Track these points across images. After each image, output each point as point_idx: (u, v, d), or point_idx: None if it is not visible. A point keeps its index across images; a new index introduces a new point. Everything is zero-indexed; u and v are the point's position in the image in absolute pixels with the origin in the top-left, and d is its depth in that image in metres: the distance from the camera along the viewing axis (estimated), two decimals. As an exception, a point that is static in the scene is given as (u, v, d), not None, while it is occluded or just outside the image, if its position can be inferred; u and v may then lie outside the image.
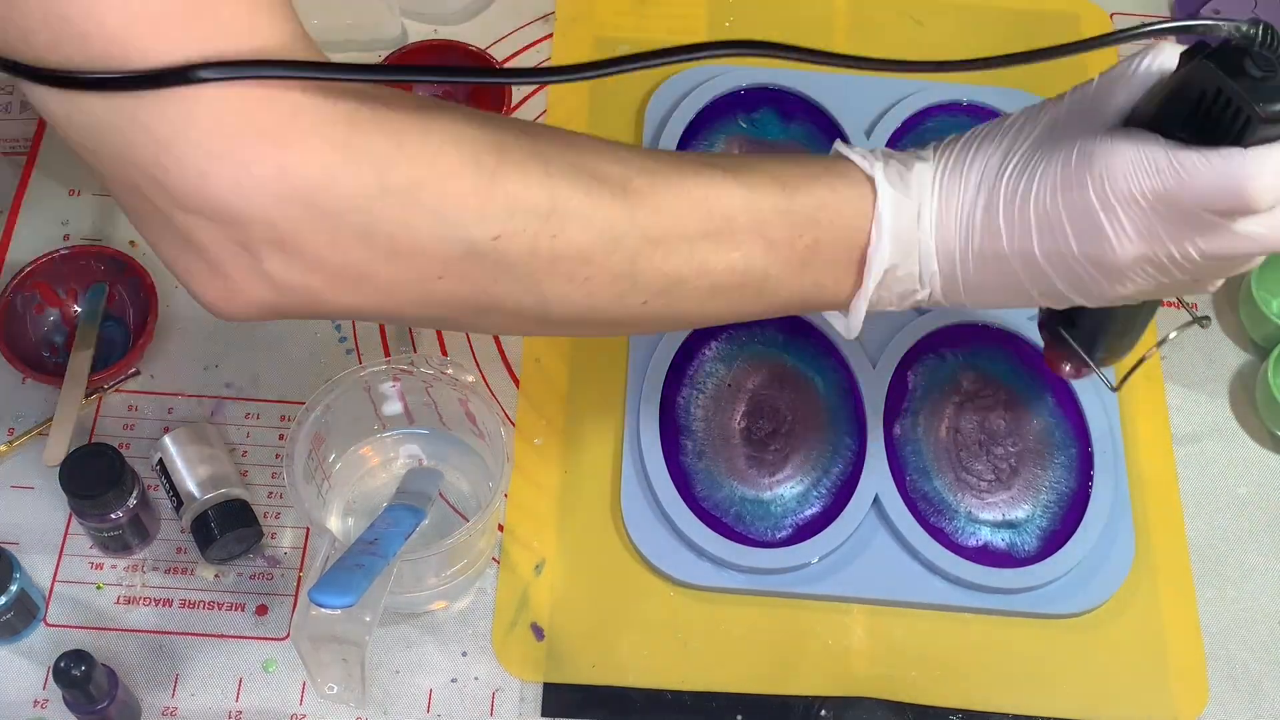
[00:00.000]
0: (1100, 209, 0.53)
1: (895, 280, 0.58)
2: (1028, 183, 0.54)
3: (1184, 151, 0.51)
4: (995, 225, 0.55)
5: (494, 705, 0.74)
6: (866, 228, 0.57)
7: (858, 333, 0.60)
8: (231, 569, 0.77)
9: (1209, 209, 0.51)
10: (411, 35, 0.96)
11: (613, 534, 0.79)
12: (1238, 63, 0.50)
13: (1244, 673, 0.77)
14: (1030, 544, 0.78)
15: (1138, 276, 0.54)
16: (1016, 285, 0.57)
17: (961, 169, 0.57)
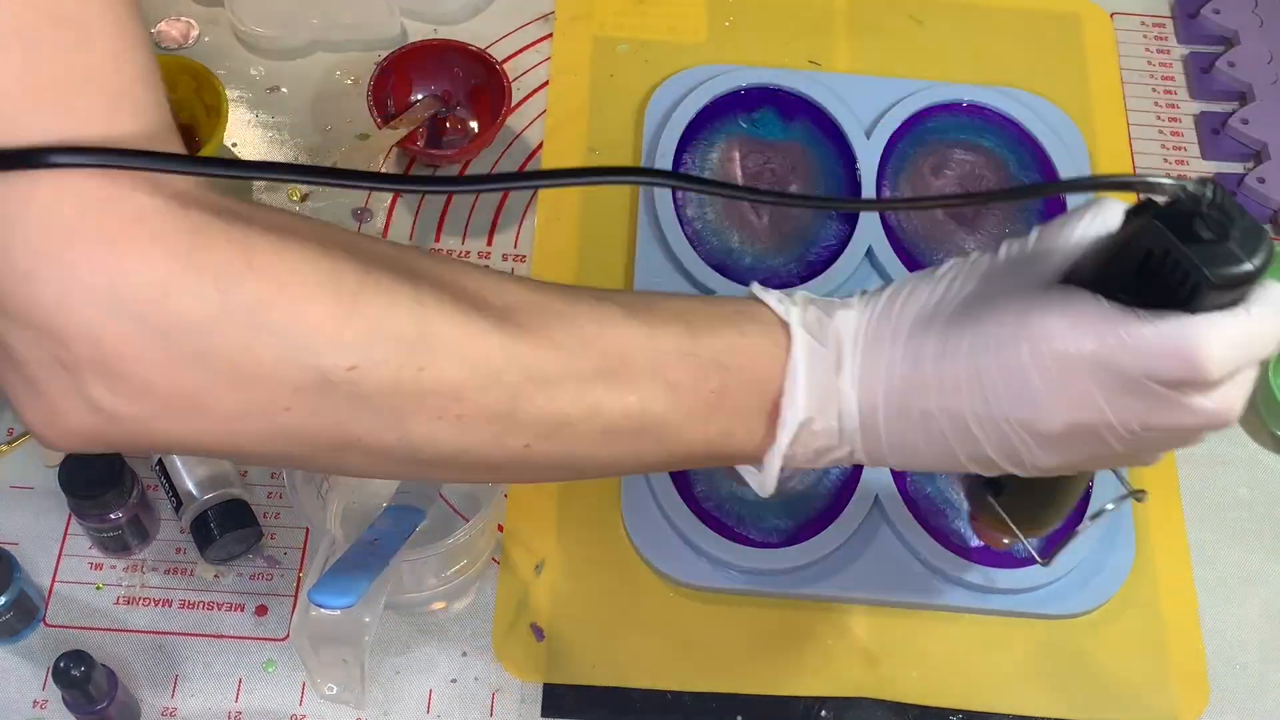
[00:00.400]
0: (1034, 370, 0.48)
1: (811, 435, 0.53)
2: (958, 338, 0.50)
3: (1127, 314, 0.47)
4: (923, 381, 0.51)
5: (494, 705, 0.74)
6: (779, 377, 0.52)
7: (772, 490, 0.55)
8: (231, 569, 0.77)
9: (1154, 378, 0.47)
10: (411, 35, 0.96)
11: (613, 534, 0.79)
12: (1187, 224, 0.46)
13: (1244, 673, 0.77)
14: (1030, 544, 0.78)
15: (1072, 445, 0.50)
16: (944, 447, 0.52)
17: (889, 319, 0.52)
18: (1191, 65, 0.97)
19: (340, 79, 0.94)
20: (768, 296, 0.54)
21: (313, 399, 0.46)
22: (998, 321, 0.49)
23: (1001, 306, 0.50)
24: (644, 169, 0.47)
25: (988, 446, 0.51)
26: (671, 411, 0.52)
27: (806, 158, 0.91)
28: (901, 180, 0.90)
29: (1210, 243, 0.46)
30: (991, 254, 0.52)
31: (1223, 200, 0.46)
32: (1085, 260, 0.50)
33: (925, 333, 0.51)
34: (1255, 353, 0.48)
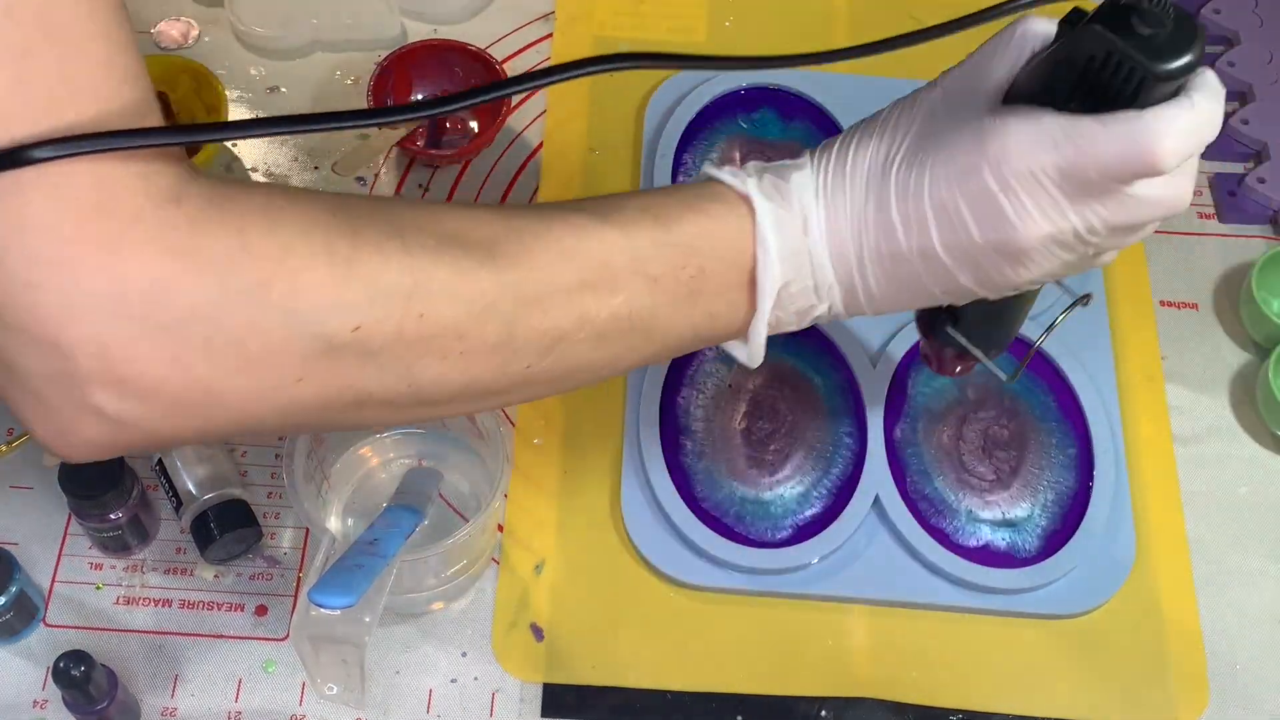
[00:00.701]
0: (1000, 191, 0.50)
1: (790, 297, 0.55)
2: (919, 174, 0.52)
3: (1081, 120, 0.49)
4: (889, 223, 0.53)
5: (494, 705, 0.74)
6: (750, 248, 0.54)
7: (760, 359, 0.57)
8: (231, 569, 0.77)
9: (1113, 177, 0.49)
10: (411, 35, 0.96)
11: (613, 534, 0.78)
12: (1124, 22, 0.48)
13: (1244, 673, 0.76)
14: (1031, 544, 0.78)
15: (1042, 258, 0.52)
16: (918, 285, 0.54)
17: (844, 170, 0.54)
18: (1191, 65, 0.97)
19: (340, 79, 0.94)
20: (722, 174, 0.56)
21: (323, 365, 0.47)
22: (954, 151, 0.51)
23: (955, 136, 0.51)
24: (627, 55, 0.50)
25: (961, 275, 0.53)
26: (657, 304, 0.54)
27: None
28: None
29: (1149, 37, 0.48)
30: (929, 87, 0.54)
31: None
32: (1027, 77, 0.51)
33: (884, 176, 0.53)
34: (1202, 138, 0.50)
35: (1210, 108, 0.49)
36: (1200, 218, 0.92)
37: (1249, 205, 0.91)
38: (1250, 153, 0.93)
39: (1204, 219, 0.92)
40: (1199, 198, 0.92)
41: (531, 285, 0.51)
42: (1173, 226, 0.91)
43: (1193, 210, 0.92)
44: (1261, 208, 0.91)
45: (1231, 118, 0.93)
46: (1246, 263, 0.89)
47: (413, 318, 0.48)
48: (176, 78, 0.89)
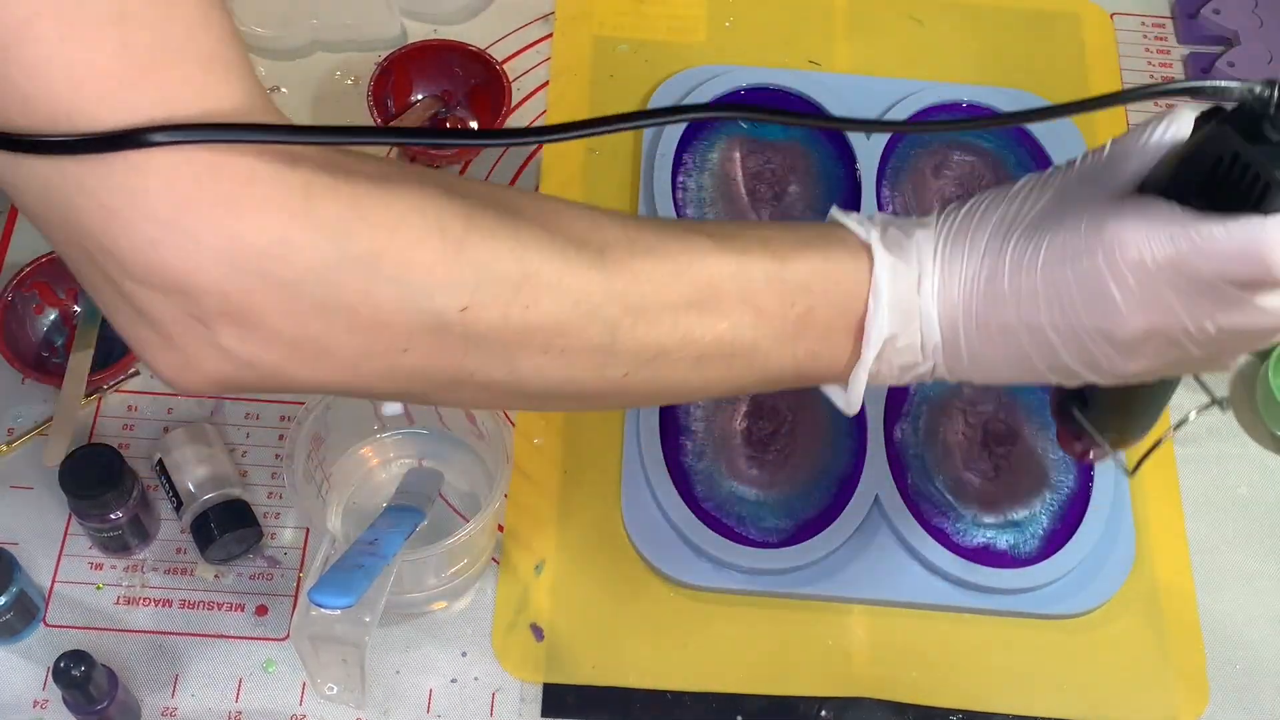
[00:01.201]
0: (1110, 278, 0.49)
1: (895, 352, 0.55)
2: (1034, 250, 0.52)
3: (1200, 218, 0.48)
4: (1000, 293, 0.52)
5: (494, 705, 0.74)
6: (863, 296, 0.54)
7: (858, 408, 0.57)
8: (231, 569, 0.77)
9: (1228, 280, 0.48)
10: (411, 35, 0.96)
11: (613, 534, 0.79)
12: (1256, 126, 0.47)
13: (1245, 673, 0.76)
14: (1031, 544, 0.78)
15: (1150, 351, 0.51)
16: (1023, 359, 0.54)
17: (966, 235, 0.54)
18: (1191, 65, 0.97)
19: (340, 79, 0.94)
20: (848, 219, 0.56)
21: (429, 340, 0.48)
22: (1072, 231, 0.51)
23: (1075, 216, 0.51)
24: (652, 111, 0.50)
25: (1066, 355, 0.52)
26: (761, 335, 0.54)
27: (806, 158, 0.91)
28: (902, 180, 0.90)
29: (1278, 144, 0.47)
30: (1065, 167, 0.54)
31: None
32: (1158, 170, 0.51)
33: (1001, 246, 0.53)
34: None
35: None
36: (1200, 218, 0.92)
37: (1249, 205, 0.91)
38: (1250, 153, 0.93)
39: (1204, 219, 0.92)
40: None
41: (639, 295, 0.52)
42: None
43: (1193, 210, 0.92)
44: (1261, 208, 0.91)
45: (1231, 118, 0.93)
46: (1246, 263, 0.89)
47: (519, 307, 0.49)
48: (177, 78, 0.89)
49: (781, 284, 0.54)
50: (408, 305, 0.47)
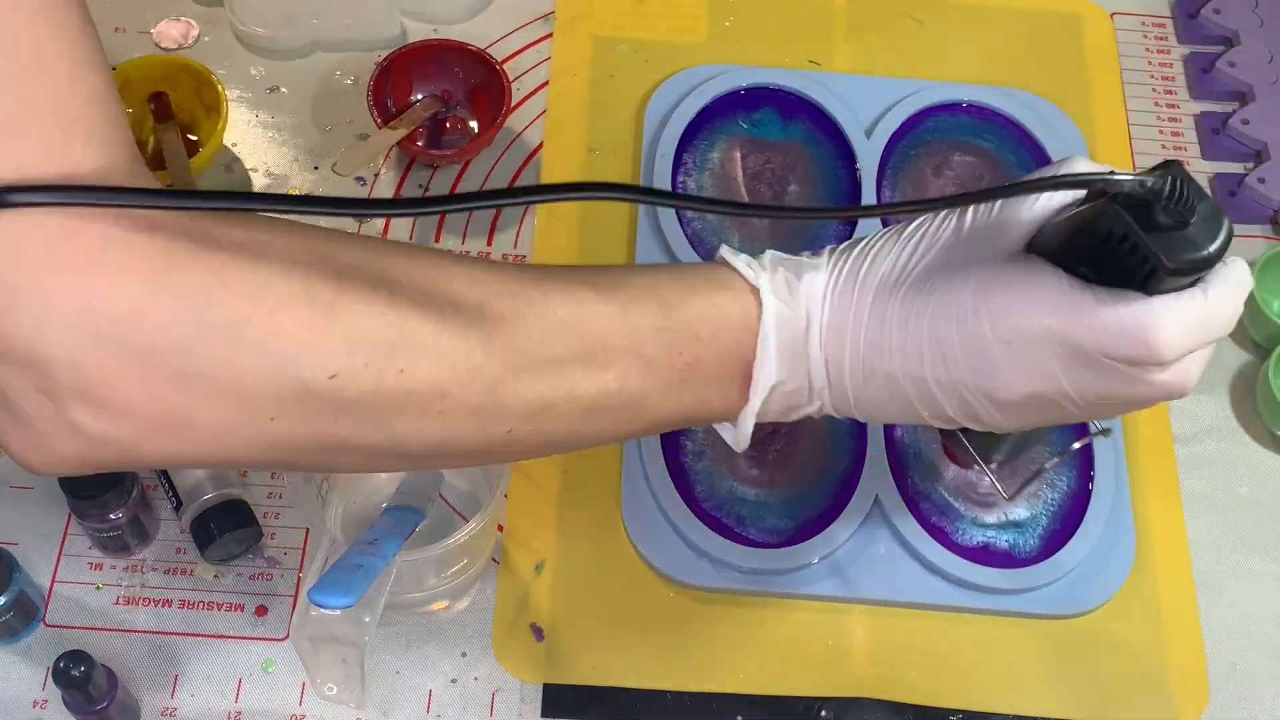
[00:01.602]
0: (994, 343, 0.50)
1: (783, 395, 0.55)
2: (922, 306, 0.52)
3: (1085, 293, 0.48)
4: (887, 345, 0.53)
5: (494, 706, 0.74)
6: (751, 343, 0.54)
7: (746, 446, 0.57)
8: (231, 569, 0.77)
9: (1110, 357, 0.49)
10: (411, 35, 0.96)
11: (613, 534, 0.78)
12: (1147, 209, 0.47)
13: (1245, 673, 0.76)
14: (1031, 544, 0.78)
15: (1031, 411, 0.52)
16: (907, 405, 0.54)
17: (855, 282, 0.54)
18: (1192, 65, 0.97)
19: (340, 79, 0.94)
20: (737, 261, 0.55)
21: (297, 408, 0.47)
22: (959, 292, 0.51)
23: (963, 277, 0.51)
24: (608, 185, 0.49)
25: (948, 408, 0.53)
26: (648, 386, 0.53)
27: (806, 158, 0.91)
28: (902, 180, 0.90)
29: (1169, 229, 0.47)
30: (959, 215, 0.53)
31: (1183, 189, 0.46)
32: (1049, 231, 0.51)
33: (889, 297, 0.53)
34: (1210, 333, 0.49)
35: (1224, 303, 0.49)
36: (1200, 218, 0.91)
37: (1249, 205, 0.91)
38: (1250, 153, 0.93)
39: (1204, 219, 0.91)
40: (1199, 198, 0.92)
41: (521, 353, 0.51)
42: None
43: (1193, 210, 0.92)
44: (1261, 208, 0.91)
45: (1231, 118, 0.94)
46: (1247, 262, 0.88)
47: (393, 372, 0.48)
48: (176, 78, 0.89)
49: (669, 333, 0.53)
50: (273, 373, 0.46)
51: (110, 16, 0.96)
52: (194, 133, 0.90)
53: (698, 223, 0.88)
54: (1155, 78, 0.97)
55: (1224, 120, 0.94)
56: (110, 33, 0.95)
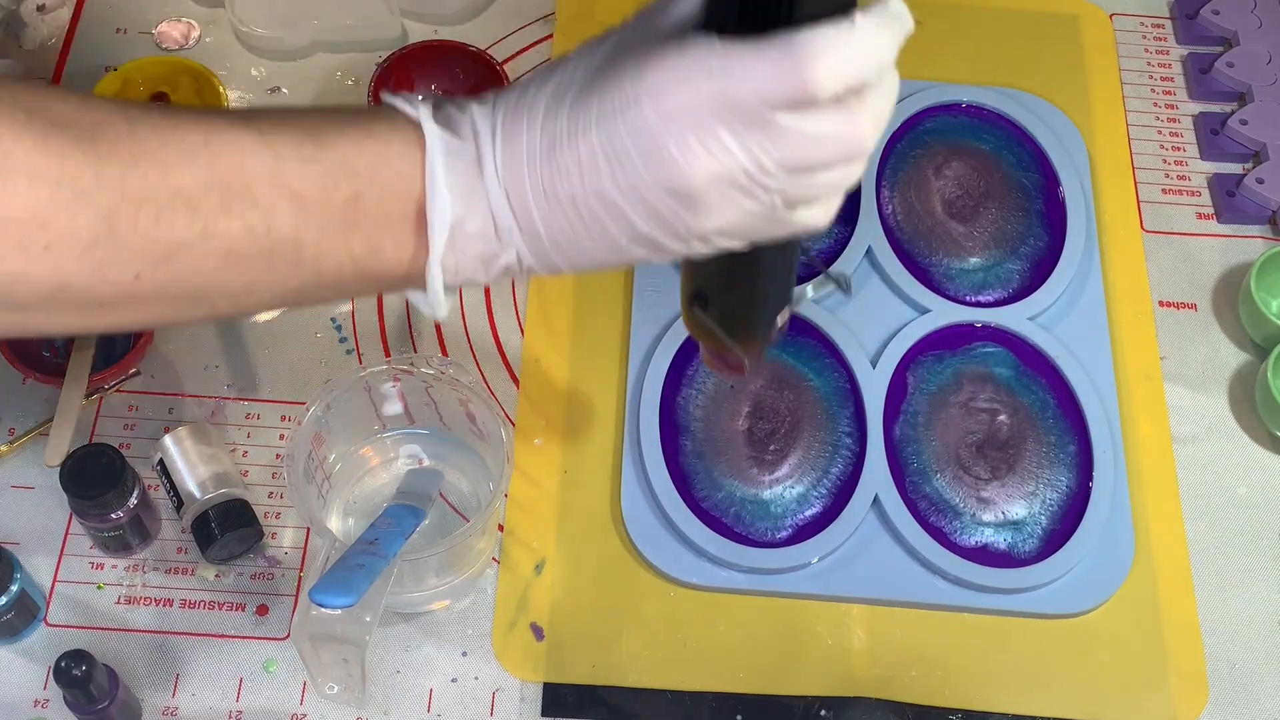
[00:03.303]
0: (660, 125, 0.46)
1: (467, 239, 0.50)
2: (586, 108, 0.47)
3: (736, 45, 0.45)
4: (563, 162, 0.48)
5: (494, 705, 0.74)
6: (418, 177, 0.49)
7: (445, 310, 0.52)
8: (232, 569, 0.77)
9: (771, 105, 0.45)
10: (412, 36, 0.96)
11: (613, 534, 0.79)
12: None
13: (1244, 673, 0.77)
14: (1030, 544, 0.78)
15: (720, 201, 0.47)
16: (602, 232, 0.49)
17: (524, 104, 0.49)
18: (1191, 66, 0.97)
19: (341, 80, 0.95)
20: (395, 99, 0.51)
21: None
22: (618, 83, 0.47)
23: (621, 69, 0.47)
24: None
25: (639, 221, 0.48)
26: (302, 227, 0.48)
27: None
28: (902, 180, 0.90)
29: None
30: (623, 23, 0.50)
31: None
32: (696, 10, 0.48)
33: (558, 110, 0.48)
34: (866, 63, 0.45)
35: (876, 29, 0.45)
36: (1199, 218, 0.92)
37: (1248, 205, 0.91)
38: (1249, 153, 0.94)
39: (1203, 219, 0.92)
40: (1198, 198, 0.92)
41: (140, 179, 0.45)
42: (1172, 227, 0.91)
43: (1192, 210, 0.92)
44: (1260, 208, 0.91)
45: (1230, 118, 0.94)
46: (1245, 263, 0.89)
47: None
48: (177, 78, 0.89)
49: (320, 165, 0.48)
50: None
51: (111, 17, 0.96)
52: (195, 133, 0.90)
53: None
54: (1154, 78, 0.97)
55: (1223, 121, 0.94)
56: (111, 33, 0.95)
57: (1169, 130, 0.95)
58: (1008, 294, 0.87)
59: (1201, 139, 0.94)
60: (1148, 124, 0.95)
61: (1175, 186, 0.93)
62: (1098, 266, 0.88)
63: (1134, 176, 0.93)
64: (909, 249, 0.88)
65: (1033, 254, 0.88)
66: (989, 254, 0.88)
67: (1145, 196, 0.92)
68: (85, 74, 0.93)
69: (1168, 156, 0.94)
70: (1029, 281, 0.87)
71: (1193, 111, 0.96)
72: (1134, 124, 0.95)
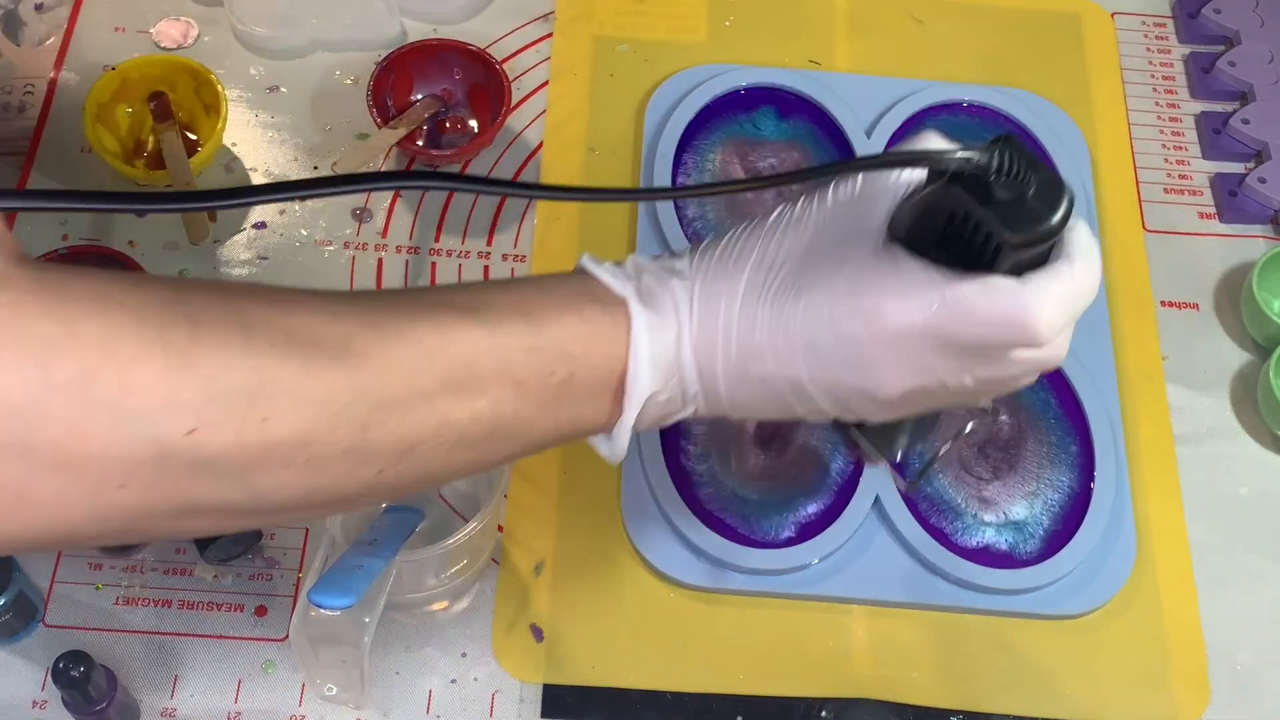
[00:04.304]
0: (869, 344, 0.50)
1: (657, 405, 0.54)
2: (792, 307, 0.51)
3: (959, 285, 0.48)
4: (759, 347, 0.52)
5: (493, 706, 0.73)
6: (623, 356, 0.52)
7: (622, 458, 0.55)
8: (230, 569, 0.77)
9: (988, 345, 0.49)
10: (411, 35, 0.96)
11: (613, 534, 0.78)
12: (985, 185, 0.47)
13: (1245, 674, 0.76)
14: (1031, 544, 0.78)
15: (907, 405, 0.52)
16: (782, 404, 0.53)
17: (722, 283, 0.53)
18: (1192, 65, 0.97)
19: (340, 79, 0.94)
20: (600, 272, 0.54)
21: (150, 471, 0.43)
22: (829, 292, 0.50)
23: (830, 275, 0.50)
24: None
25: (824, 405, 0.53)
26: (522, 408, 0.51)
27: (806, 158, 0.90)
28: (902, 180, 0.90)
29: (1007, 202, 0.47)
30: (818, 200, 0.53)
31: (1013, 161, 0.47)
32: (899, 218, 0.51)
33: (758, 300, 0.52)
34: (1080, 306, 0.50)
35: (1090, 274, 0.49)
36: (1201, 218, 0.92)
37: (1250, 205, 0.91)
38: (1251, 153, 0.93)
39: (1205, 219, 0.92)
40: (1200, 198, 0.92)
41: (388, 388, 0.47)
42: (1173, 227, 0.91)
43: (1194, 210, 0.92)
44: (1262, 208, 0.91)
45: (1232, 118, 0.93)
46: (1247, 263, 0.89)
47: (254, 422, 0.44)
48: (176, 78, 0.89)
49: (540, 353, 0.51)
50: (125, 434, 0.41)
51: (110, 16, 0.96)
52: (194, 132, 0.90)
53: (698, 223, 0.88)
54: (1156, 77, 0.97)
55: (1224, 120, 0.94)
56: (110, 32, 0.95)
57: (1171, 129, 0.95)
58: (1009, 294, 0.86)
59: (1203, 138, 0.94)
60: (1149, 123, 0.95)
61: (1177, 186, 0.93)
62: (1099, 266, 0.88)
63: (1135, 176, 0.93)
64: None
65: (1034, 253, 0.88)
66: (990, 253, 0.87)
67: (1147, 196, 0.92)
68: (83, 73, 0.93)
69: (1169, 156, 0.94)
70: (1030, 281, 0.87)
71: (1194, 110, 0.96)
72: (1135, 123, 0.95)
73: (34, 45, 0.95)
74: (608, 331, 0.52)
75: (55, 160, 0.90)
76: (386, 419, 0.47)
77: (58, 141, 0.90)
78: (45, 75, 0.93)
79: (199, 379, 0.43)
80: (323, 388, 0.46)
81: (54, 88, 0.93)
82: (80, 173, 0.89)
